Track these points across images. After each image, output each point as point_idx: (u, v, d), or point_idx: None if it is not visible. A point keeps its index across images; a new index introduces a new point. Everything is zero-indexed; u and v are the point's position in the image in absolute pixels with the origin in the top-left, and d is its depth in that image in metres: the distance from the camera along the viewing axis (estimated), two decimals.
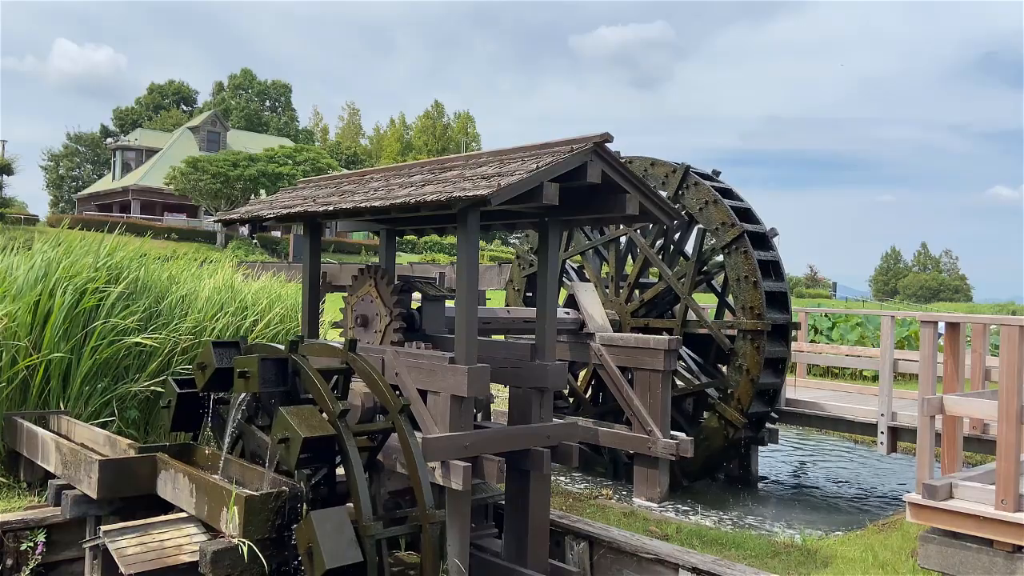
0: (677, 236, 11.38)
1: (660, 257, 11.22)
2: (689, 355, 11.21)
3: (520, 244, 13.09)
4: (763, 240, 10.54)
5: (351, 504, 5.20)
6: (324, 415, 5.32)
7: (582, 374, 11.97)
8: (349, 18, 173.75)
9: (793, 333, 10.87)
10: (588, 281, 11.80)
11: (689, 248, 11.68)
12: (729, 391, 10.14)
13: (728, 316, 10.96)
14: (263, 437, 5.66)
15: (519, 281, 12.81)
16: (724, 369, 10.98)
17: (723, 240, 10.18)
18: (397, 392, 6.09)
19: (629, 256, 11.84)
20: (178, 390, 6.27)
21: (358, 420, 5.80)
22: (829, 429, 12.25)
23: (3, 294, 8.05)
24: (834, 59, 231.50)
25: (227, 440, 5.91)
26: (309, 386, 5.58)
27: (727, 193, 10.75)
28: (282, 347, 5.90)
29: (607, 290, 11.48)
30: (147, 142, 64.48)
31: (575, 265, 12.53)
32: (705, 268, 10.89)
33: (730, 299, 10.61)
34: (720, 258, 10.51)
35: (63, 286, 8.05)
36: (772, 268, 10.45)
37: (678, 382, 10.78)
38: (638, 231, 11.20)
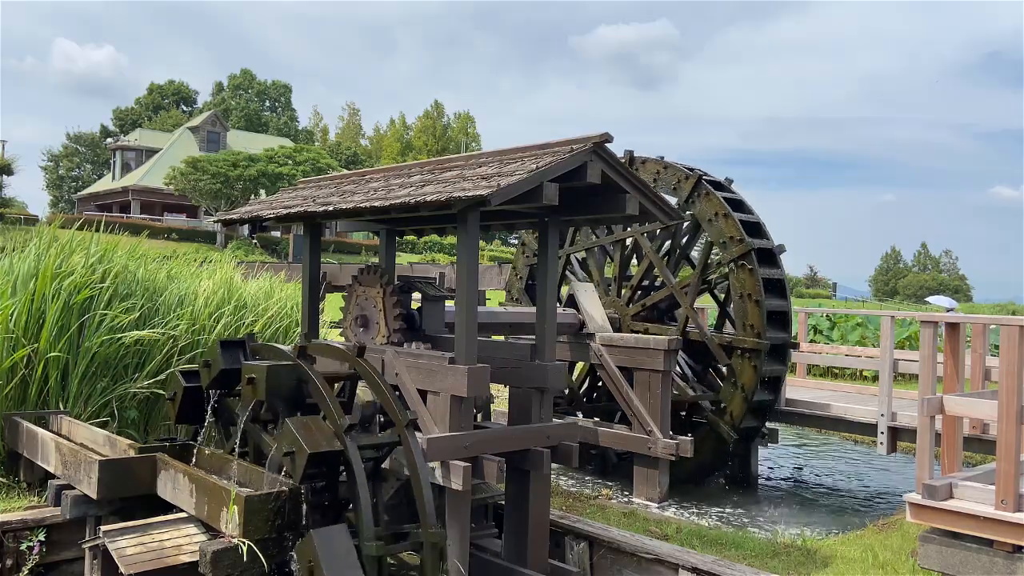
0: (684, 240, 11.37)
1: (665, 261, 11.17)
2: (686, 362, 11.19)
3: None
4: (770, 257, 10.49)
5: (350, 516, 5.22)
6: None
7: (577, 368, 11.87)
8: (349, 18, 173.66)
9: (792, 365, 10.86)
10: (590, 276, 11.79)
11: (695, 254, 11.66)
12: (723, 405, 10.17)
13: (728, 328, 10.93)
14: (268, 440, 5.66)
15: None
16: (720, 379, 10.97)
17: (730, 255, 10.14)
18: (397, 392, 6.09)
19: (634, 257, 11.80)
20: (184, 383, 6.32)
21: (358, 421, 5.77)
22: (829, 429, 12.24)
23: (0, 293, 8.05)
24: (834, 59, 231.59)
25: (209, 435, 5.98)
26: (316, 396, 5.55)
27: (738, 206, 10.67)
28: (287, 348, 5.91)
29: (609, 288, 11.46)
30: (147, 142, 64.44)
31: (580, 256, 12.39)
32: (709, 279, 10.90)
33: (731, 310, 10.57)
34: (725, 269, 10.46)
35: (55, 284, 8.03)
36: (776, 286, 10.40)
37: (673, 391, 10.76)
38: (645, 235, 11.13)
